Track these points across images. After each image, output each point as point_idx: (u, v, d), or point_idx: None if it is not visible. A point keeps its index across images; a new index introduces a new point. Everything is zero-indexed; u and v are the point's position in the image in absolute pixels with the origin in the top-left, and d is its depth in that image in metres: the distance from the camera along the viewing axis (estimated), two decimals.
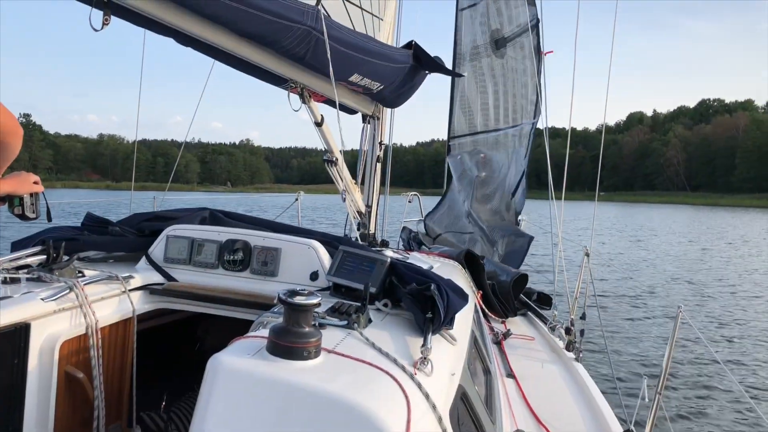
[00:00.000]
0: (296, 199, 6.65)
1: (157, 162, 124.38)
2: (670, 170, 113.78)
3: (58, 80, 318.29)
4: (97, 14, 2.26)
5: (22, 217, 2.16)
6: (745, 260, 21.69)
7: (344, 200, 4.32)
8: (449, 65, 6.48)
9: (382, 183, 5.21)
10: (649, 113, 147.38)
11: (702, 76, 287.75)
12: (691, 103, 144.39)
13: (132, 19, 2.58)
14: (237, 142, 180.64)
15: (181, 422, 3.04)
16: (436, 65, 4.25)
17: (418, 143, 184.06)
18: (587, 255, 4.67)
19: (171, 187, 5.74)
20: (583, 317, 4.41)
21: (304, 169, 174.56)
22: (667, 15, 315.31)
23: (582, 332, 4.20)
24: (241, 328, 2.00)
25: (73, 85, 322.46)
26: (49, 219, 2.37)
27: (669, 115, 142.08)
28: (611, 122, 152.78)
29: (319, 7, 2.92)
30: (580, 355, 4.03)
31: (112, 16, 2.29)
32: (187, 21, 2.62)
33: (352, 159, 5.06)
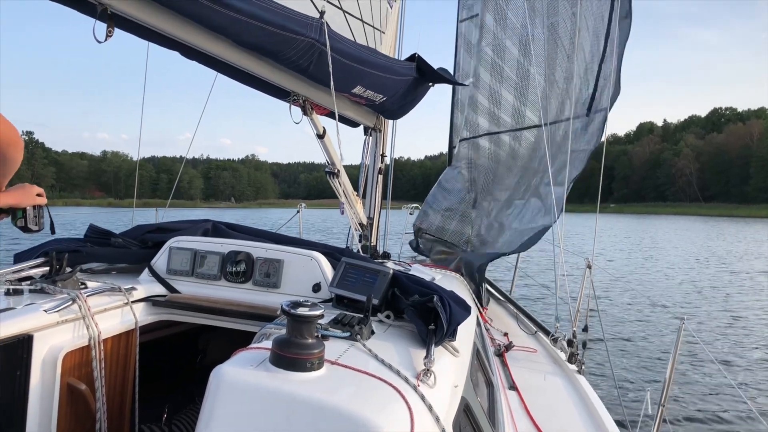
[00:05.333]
0: (297, 212, 6.66)
1: (160, 179, 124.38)
2: (682, 180, 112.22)
3: (69, 99, 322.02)
4: (101, 26, 2.28)
5: (25, 229, 2.16)
6: (754, 273, 21.50)
7: (342, 213, 4.33)
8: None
9: (384, 195, 5.22)
10: (660, 123, 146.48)
11: (712, 85, 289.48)
12: (703, 112, 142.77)
13: (135, 32, 2.59)
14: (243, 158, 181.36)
15: None
16: (439, 77, 4.27)
17: (426, 157, 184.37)
18: (589, 267, 4.66)
19: (175, 204, 5.73)
20: (585, 329, 4.40)
21: (311, 184, 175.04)
22: (674, 25, 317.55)
23: (584, 344, 4.19)
24: (243, 339, 2.00)
25: (85, 104, 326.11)
26: (53, 231, 2.37)
27: (680, 124, 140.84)
28: (621, 132, 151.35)
29: (323, 19, 2.93)
30: (583, 368, 4.02)
31: (115, 29, 2.31)
32: (191, 33, 2.63)
33: (356, 172, 5.07)
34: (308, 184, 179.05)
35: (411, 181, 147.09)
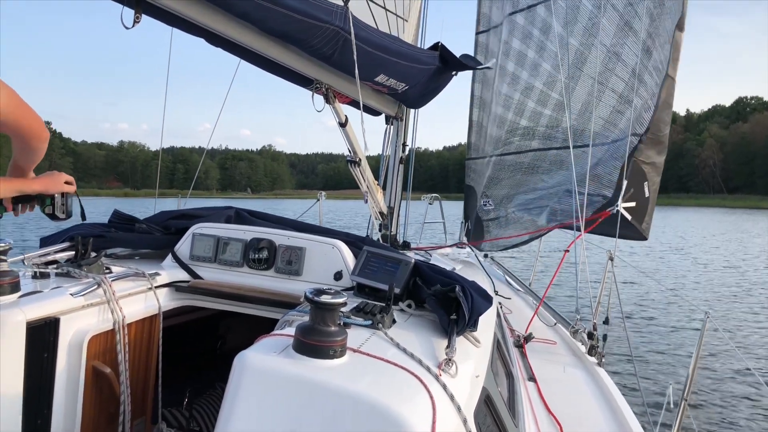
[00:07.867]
0: (317, 200, 6.68)
1: (177, 169, 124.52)
2: (705, 171, 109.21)
3: (91, 89, 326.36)
4: (129, 13, 2.29)
5: (53, 217, 2.17)
6: None
7: (366, 202, 4.33)
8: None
9: (405, 185, 5.20)
10: (683, 113, 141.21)
11: (737, 75, 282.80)
12: (727, 102, 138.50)
13: (162, 18, 2.60)
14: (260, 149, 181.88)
15: (203, 419, 3.07)
16: (462, 65, 4.23)
17: (444, 147, 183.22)
18: (611, 259, 4.61)
19: (192, 194, 5.75)
20: (606, 322, 4.36)
21: (328, 175, 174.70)
22: (694, 15, 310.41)
23: (605, 337, 4.15)
24: (263, 326, 2.01)
25: (107, 94, 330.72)
26: (84, 218, 2.40)
27: (703, 114, 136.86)
28: None
29: (348, 7, 2.92)
30: (603, 360, 3.99)
31: (143, 15, 2.32)
32: (217, 20, 2.64)
33: (376, 163, 5.06)
34: (326, 174, 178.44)
35: (428, 172, 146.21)
